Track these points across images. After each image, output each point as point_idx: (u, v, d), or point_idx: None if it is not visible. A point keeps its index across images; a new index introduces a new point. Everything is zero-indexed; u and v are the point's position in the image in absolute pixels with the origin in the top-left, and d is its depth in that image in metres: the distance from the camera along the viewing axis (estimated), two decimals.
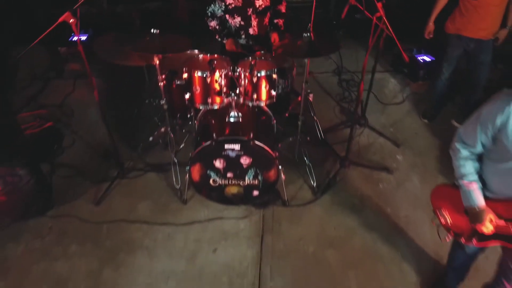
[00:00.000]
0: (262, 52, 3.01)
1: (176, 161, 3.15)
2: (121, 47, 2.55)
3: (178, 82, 2.87)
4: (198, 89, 2.68)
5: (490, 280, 2.18)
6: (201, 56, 2.86)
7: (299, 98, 3.11)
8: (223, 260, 2.72)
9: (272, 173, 2.85)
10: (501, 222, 1.72)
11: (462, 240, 1.98)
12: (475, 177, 1.75)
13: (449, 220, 1.99)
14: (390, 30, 2.60)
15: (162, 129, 3.27)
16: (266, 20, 3.19)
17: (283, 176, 2.93)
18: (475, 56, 3.27)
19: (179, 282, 2.59)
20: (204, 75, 2.63)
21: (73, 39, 4.46)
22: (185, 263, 2.70)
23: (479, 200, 1.73)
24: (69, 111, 3.91)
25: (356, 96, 3.89)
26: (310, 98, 3.53)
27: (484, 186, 1.77)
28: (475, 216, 1.75)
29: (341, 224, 2.93)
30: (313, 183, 3.18)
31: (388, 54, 4.47)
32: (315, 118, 3.53)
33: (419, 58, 4.18)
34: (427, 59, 4.16)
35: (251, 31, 3.15)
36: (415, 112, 3.94)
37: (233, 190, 2.98)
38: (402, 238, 2.84)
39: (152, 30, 2.55)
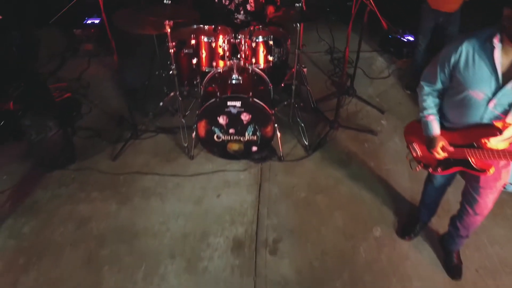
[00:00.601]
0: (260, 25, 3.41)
1: (184, 121, 3.55)
2: (137, 16, 2.93)
3: (186, 51, 3.27)
4: (204, 53, 3.08)
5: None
6: (206, 27, 3.26)
7: (293, 70, 3.51)
8: (226, 203, 3.11)
9: (269, 129, 3.24)
10: (451, 149, 2.09)
11: (430, 170, 2.36)
12: (433, 110, 2.13)
13: (419, 153, 2.37)
14: (372, 4, 3.01)
15: (171, 94, 3.66)
16: None
17: (278, 134, 3.33)
18: (444, 29, 3.69)
19: (187, 220, 2.98)
20: (210, 41, 3.03)
21: (87, 22, 4.86)
22: (192, 205, 3.09)
23: (434, 129, 2.11)
24: (85, 83, 4.30)
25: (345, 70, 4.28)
26: (305, 71, 3.94)
27: (444, 118, 2.14)
28: (430, 143, 2.13)
29: (330, 175, 3.33)
30: (306, 142, 3.57)
31: (376, 36, 4.88)
32: (308, 88, 3.92)
33: (403, 38, 4.59)
34: (411, 38, 4.57)
35: (248, 7, 3.55)
36: (399, 85, 4.35)
37: (234, 147, 3.37)
38: (383, 186, 3.23)
39: (164, 1, 2.95)
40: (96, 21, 4.91)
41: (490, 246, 2.82)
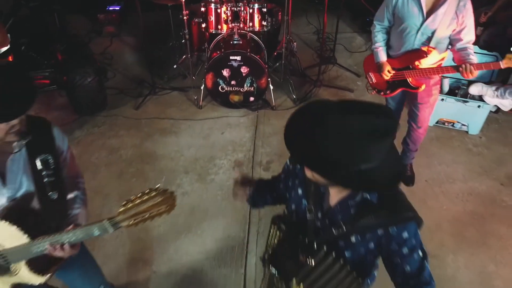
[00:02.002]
0: None
1: (194, 78, 4.32)
2: None
3: (196, 20, 4.06)
4: (211, 18, 3.86)
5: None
6: (213, 3, 4.03)
7: (284, 39, 4.28)
8: (228, 138, 3.85)
9: (263, 81, 4.00)
10: (394, 72, 2.83)
11: (382, 94, 3.11)
12: (382, 43, 2.87)
13: (374, 80, 3.12)
14: None
15: (184, 57, 4.43)
16: None
17: (271, 87, 4.09)
18: None
19: (197, 149, 3.72)
20: (216, 7, 3.82)
21: (109, 8, 5.68)
22: (201, 140, 3.83)
23: (382, 57, 2.86)
24: (109, 56, 5.08)
25: (330, 48, 5.05)
26: (295, 45, 4.72)
27: (390, 49, 2.89)
28: (379, 67, 2.87)
29: None
30: (294, 96, 4.32)
31: (357, 20, 5.70)
32: (297, 56, 4.71)
33: None
34: None
35: None
36: None
37: (235, 98, 4.12)
38: None
39: None
40: (117, 8, 5.72)
41: (439, 165, 3.55)
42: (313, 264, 1.22)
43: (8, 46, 3.05)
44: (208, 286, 2.68)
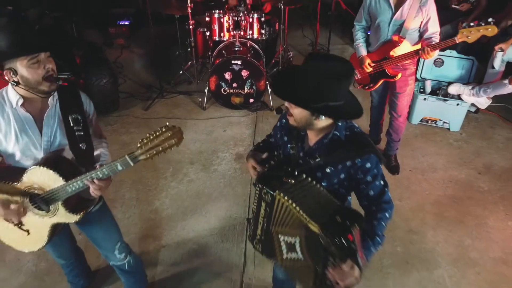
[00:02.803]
0: None
1: (198, 82, 4.70)
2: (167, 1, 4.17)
3: (201, 29, 4.48)
4: (215, 26, 4.28)
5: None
6: (216, 12, 4.47)
7: (281, 48, 4.70)
8: (230, 134, 4.20)
9: (262, 84, 4.38)
10: (374, 64, 3.21)
11: (366, 89, 3.48)
12: (362, 40, 3.26)
13: (358, 76, 3.49)
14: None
15: (189, 63, 4.83)
16: None
17: (269, 89, 4.47)
18: None
19: (202, 143, 4.07)
20: (219, 16, 4.24)
21: (119, 23, 6.14)
22: (205, 135, 4.19)
23: (362, 52, 3.24)
24: (119, 65, 5.49)
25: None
26: (291, 55, 5.14)
27: (370, 46, 3.29)
28: (361, 61, 3.24)
29: None
30: None
31: (348, 32, 6.15)
32: (293, 64, 5.11)
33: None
34: None
35: (248, 1, 4.79)
36: None
37: (236, 100, 4.50)
38: None
39: None
40: (127, 22, 6.18)
41: (422, 157, 3.89)
42: (293, 182, 1.55)
43: None
44: (212, 257, 2.97)
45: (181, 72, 4.96)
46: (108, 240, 2.24)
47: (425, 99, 4.11)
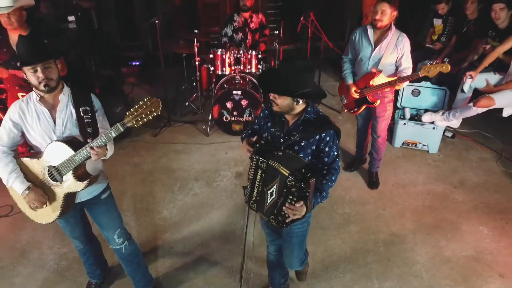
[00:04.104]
0: None
1: (202, 111, 5.23)
2: (176, 40, 4.79)
3: (206, 66, 5.08)
4: (218, 62, 4.88)
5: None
6: (219, 49, 5.08)
7: None
8: (231, 156, 4.66)
9: (259, 111, 4.89)
10: (358, 92, 3.73)
11: (352, 112, 3.99)
12: (349, 70, 3.79)
13: (345, 101, 4.00)
14: (318, 26, 4.91)
15: (194, 95, 5.38)
16: (257, 36, 5.50)
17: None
18: None
19: (205, 164, 4.51)
20: (222, 53, 4.85)
21: (131, 63, 6.80)
22: (209, 157, 4.64)
23: (349, 81, 3.76)
24: (131, 100, 6.04)
25: None
26: None
27: (356, 76, 3.82)
28: (348, 88, 3.77)
29: None
30: None
31: (338, 71, 6.79)
32: None
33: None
34: None
35: (248, 42, 5.44)
36: None
37: (237, 127, 5.01)
38: None
39: (195, 31, 4.83)
40: (137, 63, 6.85)
41: (403, 174, 4.32)
42: (280, 154, 2.07)
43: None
44: (215, 257, 3.33)
45: (187, 103, 5.51)
46: (111, 225, 2.65)
47: (404, 124, 4.61)
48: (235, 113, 4.89)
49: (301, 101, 2.07)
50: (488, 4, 4.21)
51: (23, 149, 2.58)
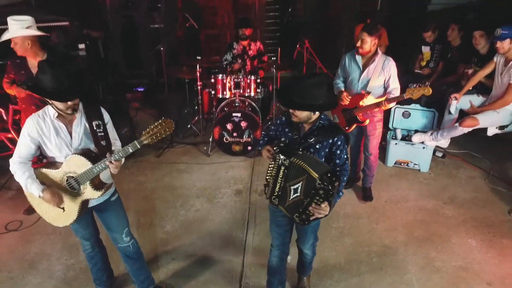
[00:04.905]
0: None
1: (203, 133, 5.49)
2: (180, 66, 5.11)
3: (207, 90, 5.38)
4: (219, 86, 5.18)
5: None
6: (220, 74, 5.39)
7: (274, 106, 5.56)
8: (231, 175, 4.87)
9: (258, 133, 5.15)
10: (350, 98, 3.97)
11: (345, 130, 4.24)
12: (341, 84, 4.03)
13: (337, 120, 4.24)
14: (312, 52, 5.23)
15: (196, 118, 5.65)
16: (255, 63, 5.83)
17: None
18: None
19: (206, 182, 4.72)
20: (223, 78, 5.15)
21: (136, 89, 7.12)
22: (210, 176, 4.85)
23: (340, 88, 3.98)
24: (135, 123, 6.31)
25: None
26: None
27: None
28: (339, 95, 3.98)
29: None
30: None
31: None
32: None
33: None
34: None
35: (247, 68, 5.76)
36: None
37: (236, 148, 5.25)
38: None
39: (197, 57, 5.16)
40: (141, 89, 7.17)
41: (396, 191, 4.52)
42: (300, 153, 2.34)
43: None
44: (215, 267, 3.49)
45: (189, 126, 5.78)
46: (119, 225, 2.85)
47: (396, 144, 4.85)
48: (235, 134, 5.14)
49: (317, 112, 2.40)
50: (469, 32, 4.55)
51: (35, 158, 2.79)
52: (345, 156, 2.49)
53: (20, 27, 3.32)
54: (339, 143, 2.44)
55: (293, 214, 2.47)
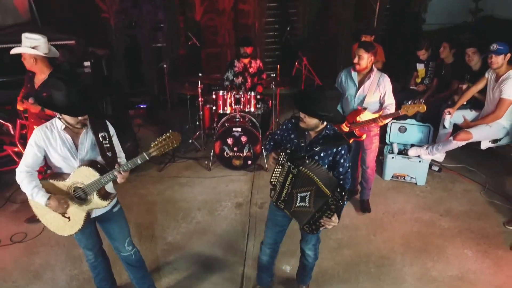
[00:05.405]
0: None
1: (205, 148, 5.61)
2: (182, 82, 5.28)
3: (208, 106, 5.54)
4: (220, 102, 5.32)
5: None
6: (221, 90, 5.54)
7: (273, 122, 5.70)
8: (231, 188, 4.97)
9: (258, 148, 5.27)
10: (349, 125, 4.13)
11: None
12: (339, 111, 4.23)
13: None
14: (310, 69, 5.39)
15: (197, 133, 5.78)
16: (255, 80, 6.00)
17: (265, 152, 5.35)
18: None
19: (207, 195, 4.82)
20: (223, 94, 5.31)
21: (138, 106, 7.28)
22: (211, 189, 4.95)
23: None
24: (138, 139, 6.45)
25: None
26: None
27: (343, 113, 4.23)
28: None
29: None
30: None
31: None
32: None
33: None
34: None
35: (247, 85, 5.92)
36: None
37: (237, 162, 5.36)
38: None
39: (199, 74, 5.33)
40: (144, 106, 7.33)
41: (393, 203, 4.61)
42: (307, 162, 2.47)
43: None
44: (217, 276, 3.56)
45: (190, 141, 5.90)
46: (122, 234, 2.93)
47: (393, 157, 4.96)
48: (235, 148, 5.26)
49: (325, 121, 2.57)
50: (461, 49, 4.73)
51: (41, 168, 2.88)
52: (348, 165, 2.62)
53: (28, 45, 3.50)
54: (342, 152, 2.58)
55: (303, 225, 2.61)
